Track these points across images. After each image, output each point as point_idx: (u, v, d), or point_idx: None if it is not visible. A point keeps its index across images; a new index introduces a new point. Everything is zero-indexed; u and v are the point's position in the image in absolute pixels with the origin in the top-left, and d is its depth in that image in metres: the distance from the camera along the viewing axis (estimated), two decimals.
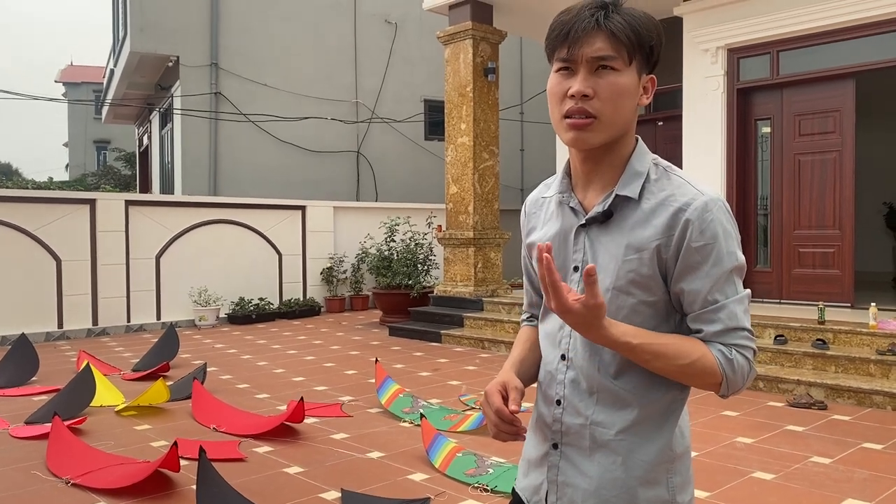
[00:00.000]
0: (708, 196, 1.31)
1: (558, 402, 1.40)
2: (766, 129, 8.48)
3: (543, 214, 1.51)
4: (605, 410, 1.35)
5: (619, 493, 1.34)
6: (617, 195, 1.35)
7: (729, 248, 1.30)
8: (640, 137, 1.42)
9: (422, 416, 4.87)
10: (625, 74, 1.31)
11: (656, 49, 1.35)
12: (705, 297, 1.30)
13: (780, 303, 8.23)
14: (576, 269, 1.39)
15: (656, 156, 1.41)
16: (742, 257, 1.33)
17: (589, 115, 1.30)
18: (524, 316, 1.69)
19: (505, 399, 1.39)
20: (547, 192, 1.54)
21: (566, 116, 1.32)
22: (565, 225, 1.43)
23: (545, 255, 1.19)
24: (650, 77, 1.37)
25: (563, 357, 1.41)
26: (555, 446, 1.41)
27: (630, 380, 1.35)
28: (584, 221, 1.39)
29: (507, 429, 1.37)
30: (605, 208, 1.36)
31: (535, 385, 1.55)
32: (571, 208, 1.42)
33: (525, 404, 1.43)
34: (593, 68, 1.30)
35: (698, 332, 1.32)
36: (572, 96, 1.30)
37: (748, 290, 1.35)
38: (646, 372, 1.33)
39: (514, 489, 1.55)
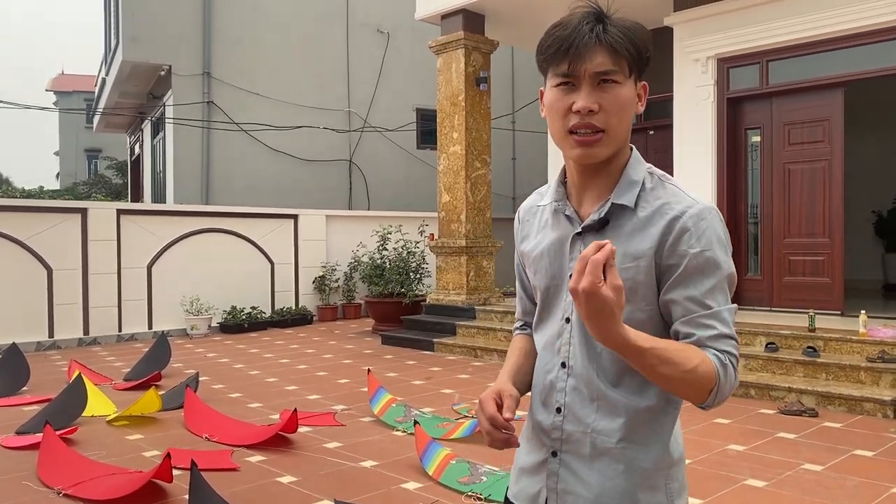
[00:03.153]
0: (703, 204, 1.32)
1: (559, 410, 1.40)
2: (756, 138, 8.54)
3: (537, 222, 1.52)
4: (606, 418, 1.35)
5: (620, 500, 1.34)
6: (613, 203, 1.36)
7: (722, 256, 1.31)
8: (634, 147, 1.43)
9: (415, 422, 4.86)
10: (625, 86, 1.33)
11: (650, 58, 1.37)
12: (699, 303, 1.30)
13: (770, 310, 8.27)
14: (571, 276, 1.39)
15: (651, 165, 1.43)
16: (733, 267, 1.34)
17: (597, 130, 1.31)
18: (518, 324, 1.69)
19: (499, 407, 1.38)
20: (541, 200, 1.54)
21: (572, 132, 1.33)
22: (561, 233, 1.43)
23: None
24: (643, 84, 1.39)
25: (563, 365, 1.41)
26: (554, 454, 1.41)
27: (627, 387, 1.35)
28: (579, 230, 1.39)
29: (501, 436, 1.36)
30: (601, 216, 1.36)
31: (528, 393, 1.55)
32: (567, 217, 1.43)
33: (518, 412, 1.44)
34: (596, 82, 1.31)
35: (689, 335, 1.30)
36: (577, 112, 1.31)
37: (735, 304, 1.35)
38: (642, 379, 1.33)
39: (506, 496, 1.55)
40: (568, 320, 1.41)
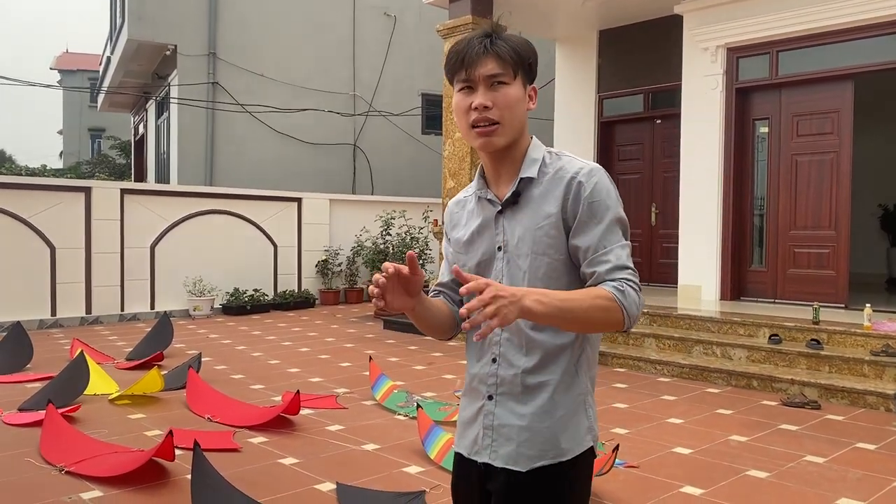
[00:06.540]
0: (592, 165, 1.63)
1: (494, 360, 1.67)
2: (764, 129, 8.49)
3: (466, 212, 1.79)
4: (533, 359, 1.62)
5: (549, 423, 1.61)
6: (522, 178, 1.65)
7: (611, 203, 1.59)
8: (534, 136, 1.72)
9: (418, 406, 4.86)
10: (513, 86, 1.62)
11: (534, 65, 1.66)
12: (597, 244, 1.57)
13: (774, 302, 8.25)
14: (499, 248, 1.67)
15: (550, 147, 1.72)
16: (623, 213, 1.61)
17: (493, 122, 1.60)
18: (433, 292, 1.87)
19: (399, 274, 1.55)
20: (467, 192, 1.82)
21: (473, 126, 1.62)
22: (486, 215, 1.71)
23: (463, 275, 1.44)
24: (532, 87, 1.68)
25: None
26: (489, 397, 1.67)
27: (548, 330, 1.60)
28: (500, 208, 1.68)
29: (380, 280, 1.50)
30: (514, 190, 1.65)
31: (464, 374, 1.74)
32: (489, 200, 1.71)
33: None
34: (489, 84, 1.60)
35: (592, 274, 1.57)
36: (475, 108, 1.60)
37: (629, 241, 1.61)
38: None
39: (455, 452, 1.78)
40: None
